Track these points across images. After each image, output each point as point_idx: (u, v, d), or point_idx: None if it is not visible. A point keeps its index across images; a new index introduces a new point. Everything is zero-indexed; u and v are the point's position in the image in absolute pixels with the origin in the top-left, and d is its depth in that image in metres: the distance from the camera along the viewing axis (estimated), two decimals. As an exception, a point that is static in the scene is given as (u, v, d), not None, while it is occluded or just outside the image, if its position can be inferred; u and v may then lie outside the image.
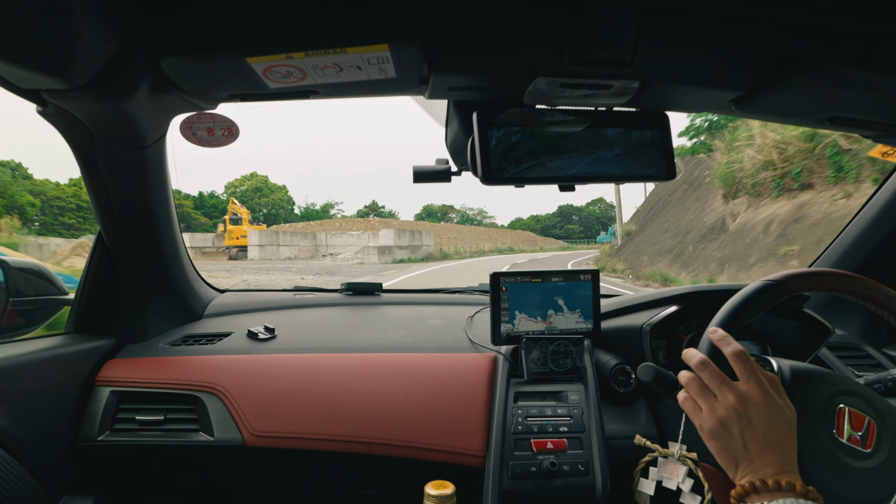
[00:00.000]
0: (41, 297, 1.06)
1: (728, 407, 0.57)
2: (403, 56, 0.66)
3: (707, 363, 0.60)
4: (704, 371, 0.60)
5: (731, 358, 0.60)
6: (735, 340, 0.61)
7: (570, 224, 78.83)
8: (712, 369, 0.60)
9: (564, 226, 78.18)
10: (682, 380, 0.63)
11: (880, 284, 0.67)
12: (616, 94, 0.74)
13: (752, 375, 0.58)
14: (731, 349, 0.60)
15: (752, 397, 0.57)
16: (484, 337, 1.12)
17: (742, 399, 0.57)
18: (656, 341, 1.08)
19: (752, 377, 0.58)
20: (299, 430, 0.95)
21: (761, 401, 0.56)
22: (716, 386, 0.59)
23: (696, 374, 0.61)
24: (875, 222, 1.15)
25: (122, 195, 0.98)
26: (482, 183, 0.73)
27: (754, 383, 0.58)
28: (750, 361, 0.59)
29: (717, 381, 0.59)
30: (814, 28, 0.64)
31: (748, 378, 0.58)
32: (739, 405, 0.56)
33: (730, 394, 0.57)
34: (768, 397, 0.57)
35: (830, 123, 0.84)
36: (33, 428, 0.89)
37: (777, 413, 0.56)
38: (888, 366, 1.11)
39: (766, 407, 0.56)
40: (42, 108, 0.78)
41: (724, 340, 0.61)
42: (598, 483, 0.87)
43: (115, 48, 0.67)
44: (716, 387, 0.59)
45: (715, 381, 0.59)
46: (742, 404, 0.56)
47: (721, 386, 0.58)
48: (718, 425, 0.57)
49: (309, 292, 1.56)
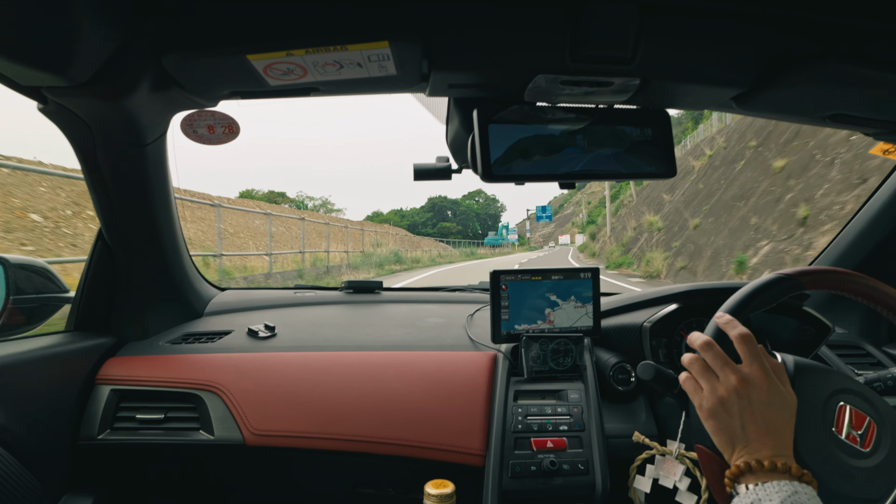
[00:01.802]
0: (42, 295, 1.06)
1: (729, 387, 0.57)
2: (404, 53, 0.66)
3: (712, 344, 0.60)
4: (708, 352, 0.60)
5: (737, 340, 0.60)
6: (741, 325, 0.61)
7: (444, 221, 64.85)
8: (716, 350, 0.60)
9: (438, 223, 63.92)
10: (684, 361, 0.63)
11: (891, 288, 0.67)
12: (616, 91, 0.74)
13: (755, 358, 0.58)
14: (736, 332, 0.60)
15: (754, 379, 0.57)
16: (484, 335, 1.12)
17: (744, 380, 0.57)
18: (656, 340, 1.08)
19: (755, 360, 0.58)
20: (299, 429, 0.95)
21: (763, 384, 0.57)
22: (719, 367, 0.59)
23: (700, 355, 0.61)
24: (876, 220, 1.15)
25: (122, 193, 0.98)
26: (482, 180, 0.73)
27: (758, 366, 0.58)
28: (755, 344, 0.59)
29: (721, 362, 0.59)
30: (815, 25, 0.64)
31: (752, 361, 0.58)
32: (741, 386, 0.57)
33: (732, 374, 0.58)
34: (770, 381, 0.57)
35: (832, 121, 0.84)
36: (33, 426, 0.88)
37: (778, 397, 0.57)
38: (888, 364, 1.11)
39: (768, 390, 0.56)
40: (43, 105, 0.78)
41: (731, 324, 0.62)
42: (597, 482, 0.87)
43: (116, 46, 0.67)
44: (718, 367, 0.59)
45: (718, 362, 0.59)
46: (744, 385, 0.57)
47: (724, 367, 0.59)
48: (718, 404, 0.57)
49: (309, 290, 1.56)
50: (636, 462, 0.90)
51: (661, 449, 0.87)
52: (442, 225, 62.97)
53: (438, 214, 65.36)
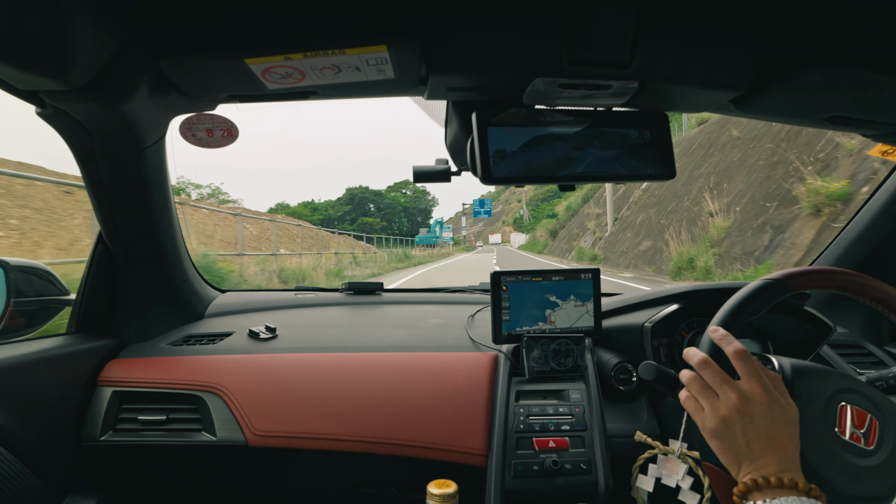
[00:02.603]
0: (42, 298, 1.06)
1: (730, 405, 0.57)
2: (402, 57, 0.65)
3: (708, 362, 0.60)
4: (706, 370, 0.60)
5: (733, 356, 0.60)
6: (736, 339, 0.61)
7: (366, 216, 53.91)
8: (714, 368, 0.60)
9: (358, 218, 53.39)
10: (683, 379, 0.63)
11: (880, 282, 0.67)
12: (615, 94, 0.74)
13: (753, 374, 0.58)
14: (732, 348, 0.60)
15: (754, 396, 0.57)
16: (485, 336, 1.12)
17: (744, 398, 0.57)
18: (657, 340, 1.08)
19: (753, 376, 0.58)
20: (301, 430, 0.95)
21: (763, 399, 0.57)
22: (717, 385, 0.59)
23: (698, 374, 0.61)
24: (876, 220, 1.15)
25: (121, 196, 0.98)
26: (482, 182, 0.73)
27: (756, 382, 0.58)
28: (751, 360, 0.59)
29: (719, 379, 0.59)
30: (812, 29, 0.64)
31: (750, 376, 0.58)
32: (741, 404, 0.57)
33: (732, 392, 0.57)
34: (770, 396, 0.57)
35: (830, 123, 0.84)
36: (36, 428, 0.89)
37: (779, 411, 0.56)
38: (890, 363, 1.11)
39: (769, 405, 0.56)
40: (41, 109, 0.78)
41: (726, 339, 0.61)
42: (600, 481, 0.88)
43: (114, 50, 0.66)
44: (717, 386, 0.59)
45: (717, 380, 0.59)
46: (744, 403, 0.57)
47: (723, 385, 0.58)
48: (721, 424, 0.57)
49: (310, 292, 1.57)
50: (639, 461, 0.90)
51: (664, 448, 0.88)
52: (363, 220, 53.54)
53: (359, 208, 55.40)
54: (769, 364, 0.71)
